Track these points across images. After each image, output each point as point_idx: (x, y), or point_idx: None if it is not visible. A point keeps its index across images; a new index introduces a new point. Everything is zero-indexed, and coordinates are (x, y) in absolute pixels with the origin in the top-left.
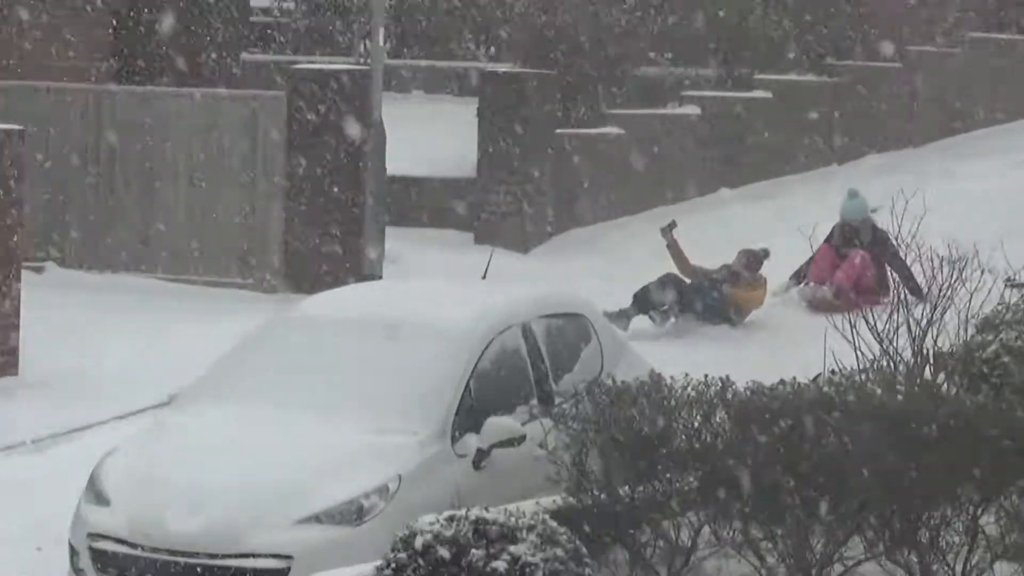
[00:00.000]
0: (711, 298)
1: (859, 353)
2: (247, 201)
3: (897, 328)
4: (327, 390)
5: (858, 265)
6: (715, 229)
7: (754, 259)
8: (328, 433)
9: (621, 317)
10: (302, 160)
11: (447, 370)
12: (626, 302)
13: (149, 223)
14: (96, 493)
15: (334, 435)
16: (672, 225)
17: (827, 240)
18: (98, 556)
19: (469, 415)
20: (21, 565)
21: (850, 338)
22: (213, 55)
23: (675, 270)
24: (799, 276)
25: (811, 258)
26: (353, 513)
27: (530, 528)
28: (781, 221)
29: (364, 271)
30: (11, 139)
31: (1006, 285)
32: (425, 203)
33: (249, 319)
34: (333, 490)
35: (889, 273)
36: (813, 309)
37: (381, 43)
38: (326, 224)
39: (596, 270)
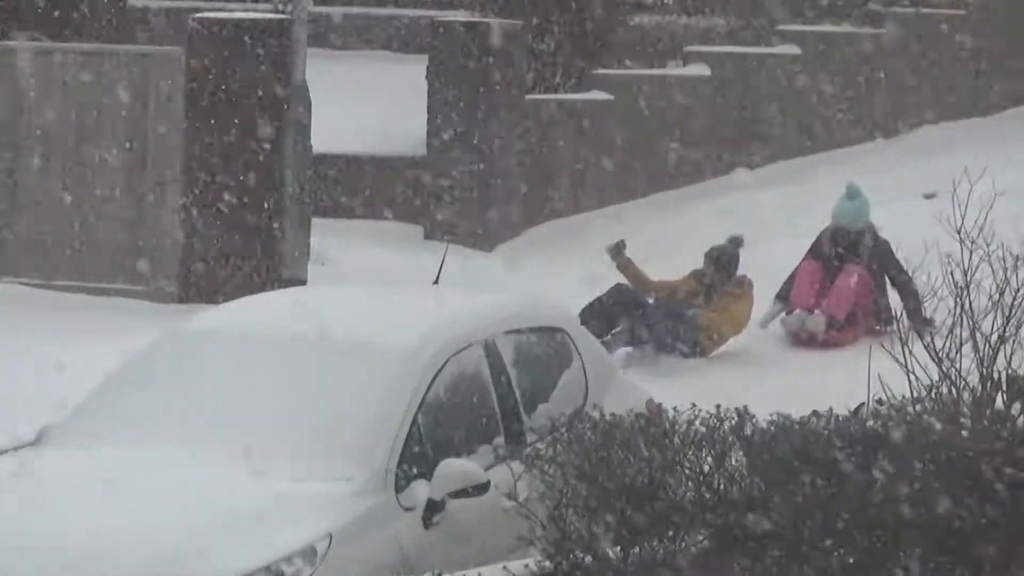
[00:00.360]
0: (678, 321)
1: (912, 377)
2: (135, 187)
3: (961, 346)
4: (233, 426)
5: (855, 286)
6: (725, 223)
7: (724, 259)
8: (235, 480)
9: None
10: (204, 135)
11: (389, 400)
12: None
13: (6, 214)
14: None
15: (243, 482)
16: (620, 246)
17: (812, 251)
18: None
19: (417, 457)
20: None
21: (900, 359)
22: None
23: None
24: (785, 297)
25: (792, 274)
26: None
27: None
28: (809, 212)
29: (283, 275)
30: None
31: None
32: (362, 189)
33: (138, 336)
34: (243, 554)
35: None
36: (796, 343)
37: None
38: (235, 216)
39: (579, 273)
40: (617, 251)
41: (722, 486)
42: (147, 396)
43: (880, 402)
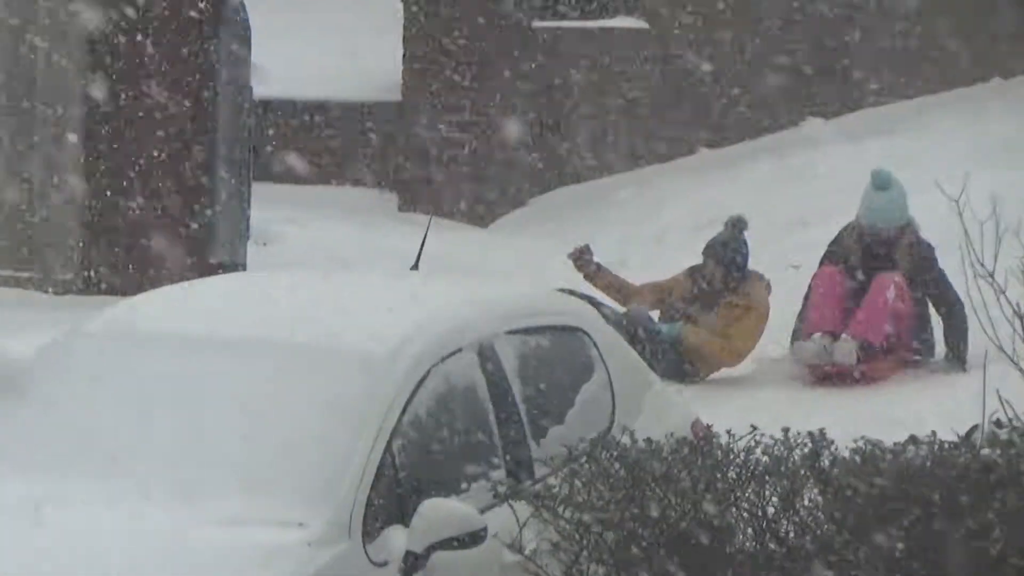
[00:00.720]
0: (649, 341)
1: None
2: (23, 148)
3: None
4: (144, 456)
5: (892, 301)
6: (792, 188)
7: (727, 253)
8: (147, 529)
9: None
10: (111, 79)
11: (352, 423)
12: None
13: None
14: None
15: (157, 532)
16: (585, 251)
17: (829, 256)
18: None
19: (391, 496)
20: None
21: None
22: None
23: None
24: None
25: (810, 287)
26: None
27: None
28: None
29: (214, 258)
30: None
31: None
32: (318, 146)
33: (28, 337)
34: None
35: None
36: (815, 378)
37: None
38: (152, 184)
39: (602, 255)
40: (581, 259)
41: (791, 533)
42: (37, 417)
43: (999, 424)
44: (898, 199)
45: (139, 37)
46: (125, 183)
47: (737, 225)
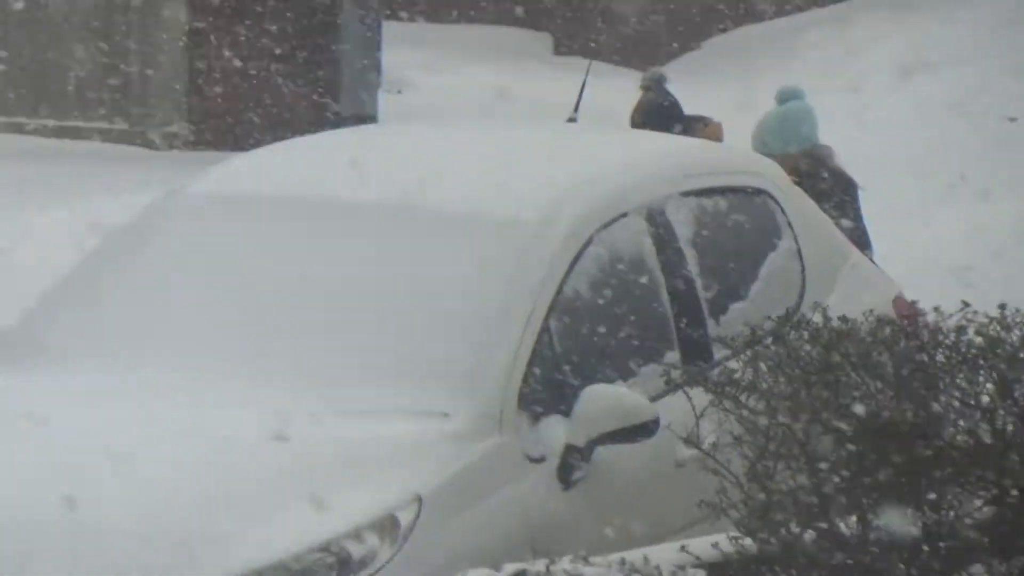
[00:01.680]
0: None
1: None
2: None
3: None
4: (262, 338)
5: None
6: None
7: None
8: (275, 416)
9: None
10: None
11: (503, 298)
12: None
13: None
14: None
15: (285, 420)
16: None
17: None
18: None
19: (548, 383)
20: None
21: None
22: None
23: None
24: None
25: None
26: (329, 569)
27: None
28: None
29: (342, 110)
30: None
31: None
32: None
33: (130, 198)
34: (292, 526)
35: None
36: None
37: None
38: (268, 26)
39: None
40: None
41: (1009, 425)
42: (136, 294)
43: None
44: (801, 117)
45: None
46: (246, 29)
47: (654, 79)
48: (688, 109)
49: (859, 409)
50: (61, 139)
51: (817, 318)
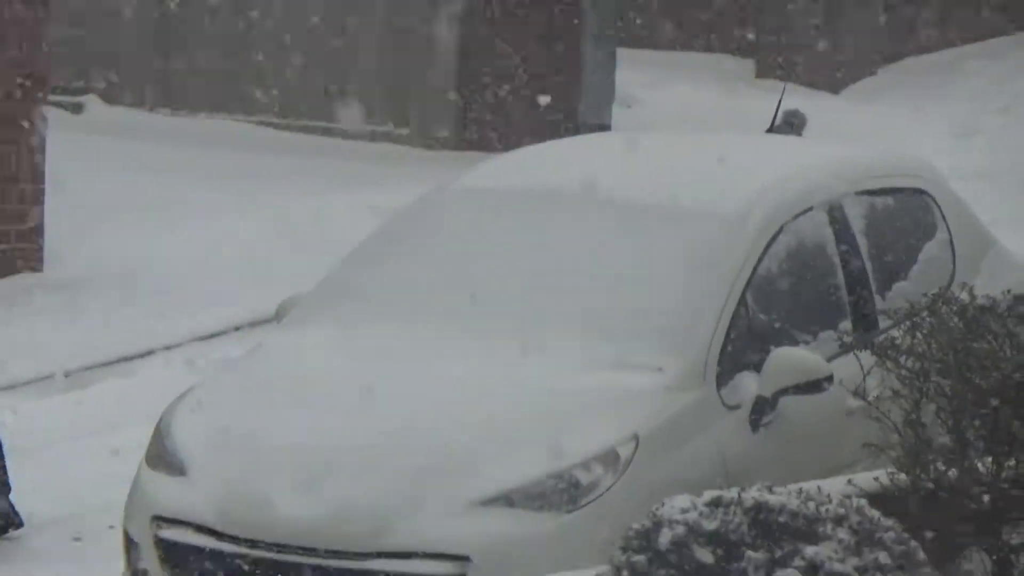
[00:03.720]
0: None
1: None
2: (402, 13)
3: None
4: (513, 304)
5: None
6: None
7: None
8: (520, 368)
9: None
10: None
11: (709, 275)
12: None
13: (244, 39)
14: (165, 456)
15: (529, 371)
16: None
17: None
18: (169, 550)
19: (743, 345)
20: (51, 563)
21: None
22: None
23: None
24: None
25: None
26: (563, 492)
27: (838, 520)
28: None
29: (581, 119)
30: None
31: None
32: (678, 16)
33: (400, 191)
34: (532, 456)
35: None
36: None
37: None
38: (523, 48)
39: (948, 124)
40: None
41: None
42: (408, 268)
43: None
44: None
45: None
46: (502, 43)
47: (792, 118)
48: (868, 127)
49: (996, 372)
50: (357, 140)
51: (964, 296)
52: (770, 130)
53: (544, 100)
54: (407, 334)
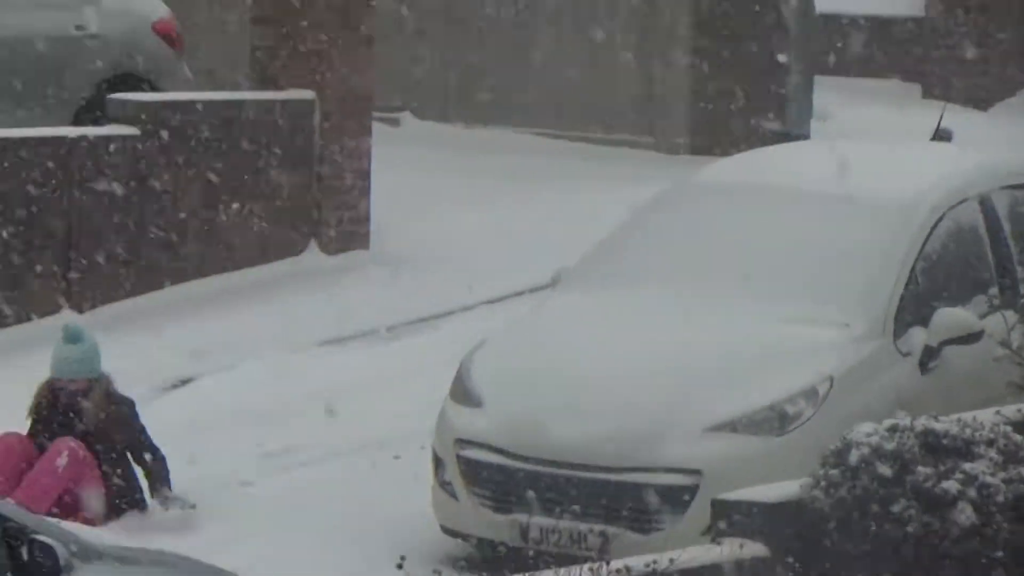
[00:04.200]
0: None
1: None
2: (648, 45)
3: None
4: (737, 272)
5: (64, 469)
6: None
7: None
8: (741, 323)
9: None
10: None
11: (888, 250)
12: None
13: (526, 64)
14: (465, 392)
15: (749, 326)
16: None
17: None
18: (468, 466)
19: (914, 306)
20: (377, 475)
21: None
22: None
23: None
24: None
25: None
26: (774, 421)
27: (989, 443)
28: None
29: (786, 130)
30: None
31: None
32: (859, 48)
33: (647, 186)
34: (750, 392)
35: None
36: None
37: None
38: (740, 73)
39: None
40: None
41: None
42: (657, 244)
43: None
44: (89, 352)
45: None
46: (724, 71)
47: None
48: (1010, 139)
49: None
50: (609, 147)
51: None
52: (932, 139)
53: (763, 119)
54: (656, 295)
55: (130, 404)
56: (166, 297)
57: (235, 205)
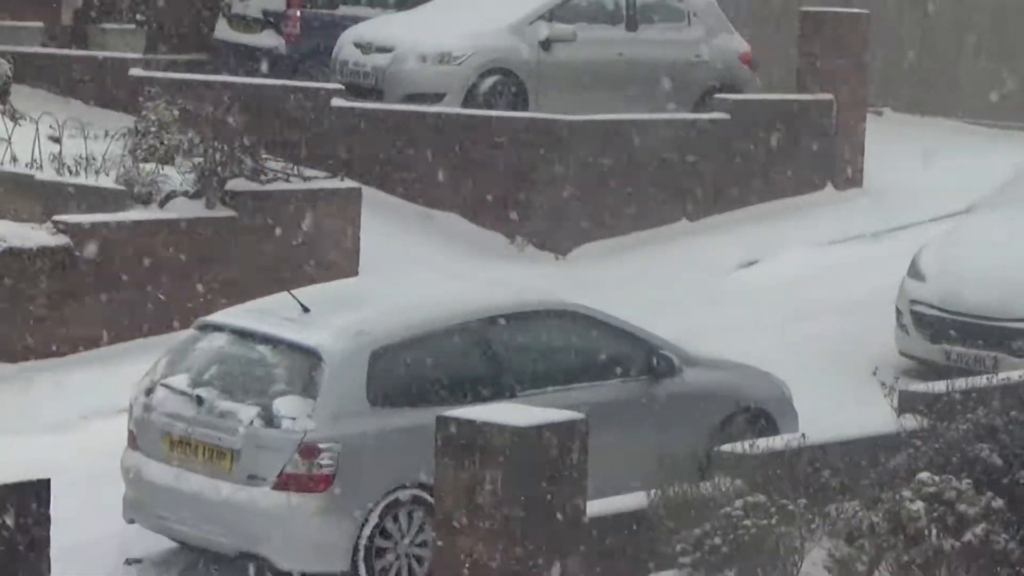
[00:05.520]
0: None
1: None
2: None
3: None
4: None
5: None
6: None
7: None
8: None
9: None
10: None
11: None
12: None
13: (1000, 71)
14: (916, 272)
15: None
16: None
17: None
18: (916, 317)
19: None
20: (864, 321)
21: None
22: None
23: None
24: None
25: None
26: None
27: None
28: None
29: None
30: None
31: None
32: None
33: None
34: None
35: None
36: None
37: None
38: None
39: None
40: None
41: None
42: None
43: None
44: None
45: None
46: None
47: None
48: None
49: None
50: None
51: None
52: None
53: None
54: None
55: None
56: (737, 217)
57: (787, 163)
